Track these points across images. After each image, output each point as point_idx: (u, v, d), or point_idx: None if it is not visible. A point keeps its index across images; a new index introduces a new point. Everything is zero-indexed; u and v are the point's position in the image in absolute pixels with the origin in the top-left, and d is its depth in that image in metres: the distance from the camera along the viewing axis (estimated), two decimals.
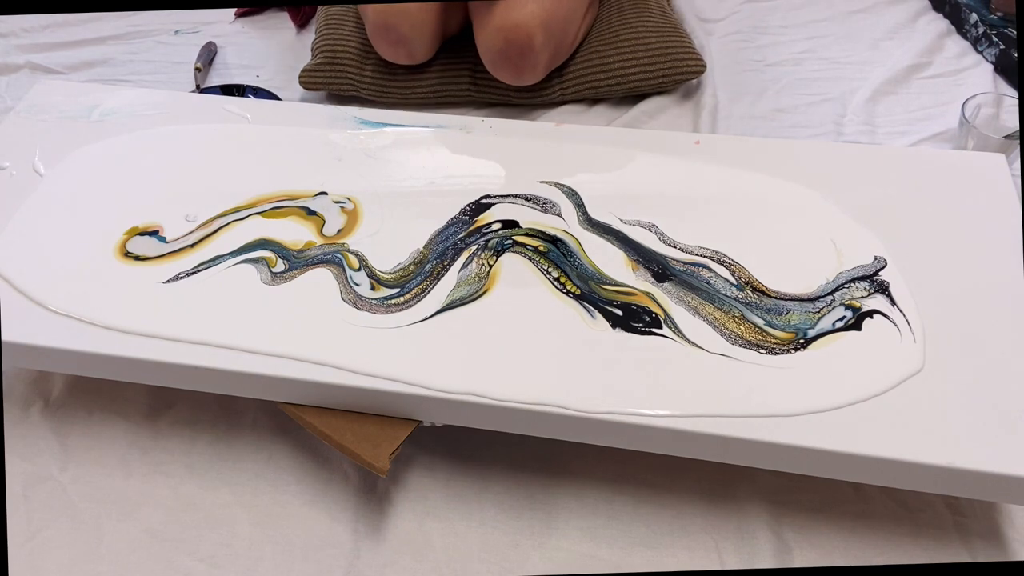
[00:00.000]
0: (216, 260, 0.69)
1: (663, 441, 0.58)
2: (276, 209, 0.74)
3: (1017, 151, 0.88)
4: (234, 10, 1.27)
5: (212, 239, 0.71)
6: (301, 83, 1.06)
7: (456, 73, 1.05)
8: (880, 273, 0.65)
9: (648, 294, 0.65)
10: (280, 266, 0.68)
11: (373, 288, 0.66)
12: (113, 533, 0.66)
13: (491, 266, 0.68)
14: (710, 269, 0.66)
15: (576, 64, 1.04)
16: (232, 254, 0.70)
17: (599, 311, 0.64)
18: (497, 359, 0.61)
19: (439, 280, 0.67)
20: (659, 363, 0.60)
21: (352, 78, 1.05)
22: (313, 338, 0.63)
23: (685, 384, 0.59)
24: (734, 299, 0.64)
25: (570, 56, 1.04)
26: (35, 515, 0.67)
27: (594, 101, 1.06)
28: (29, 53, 1.19)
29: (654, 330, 0.62)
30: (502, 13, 0.92)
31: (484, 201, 0.74)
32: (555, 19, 0.95)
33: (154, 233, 0.72)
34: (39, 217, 0.73)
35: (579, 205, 0.73)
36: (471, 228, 0.71)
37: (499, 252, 0.69)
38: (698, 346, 0.61)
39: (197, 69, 1.13)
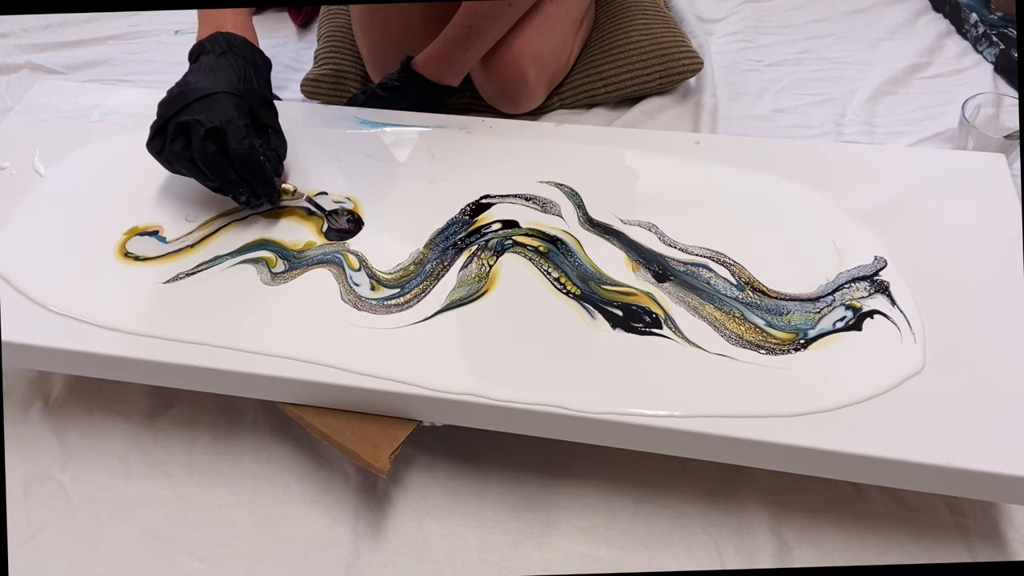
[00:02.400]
0: (216, 260, 0.69)
1: (663, 441, 0.58)
2: (276, 209, 0.74)
3: (1017, 151, 0.88)
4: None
5: (212, 239, 0.71)
6: (303, 90, 1.06)
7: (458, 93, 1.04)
8: (880, 273, 0.65)
9: (648, 294, 0.65)
10: (280, 266, 0.68)
11: (373, 288, 0.66)
12: (113, 533, 0.66)
13: (491, 266, 0.68)
14: (710, 269, 0.66)
15: (573, 77, 1.04)
16: (232, 254, 0.70)
17: (599, 311, 0.64)
18: (497, 359, 0.61)
19: (439, 280, 0.67)
20: (659, 363, 0.60)
21: (354, 94, 1.04)
22: (313, 338, 0.63)
23: (685, 384, 0.59)
24: (734, 299, 0.64)
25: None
26: (35, 515, 0.67)
27: (593, 102, 1.06)
28: (29, 53, 1.19)
29: (654, 330, 0.62)
30: (493, 56, 0.93)
31: (484, 201, 0.74)
32: (545, 50, 0.95)
33: (154, 233, 0.72)
34: (39, 217, 0.73)
35: (579, 205, 0.73)
36: (471, 228, 0.71)
37: (499, 252, 0.69)
38: (698, 346, 0.61)
39: None
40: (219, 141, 0.66)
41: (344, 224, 0.70)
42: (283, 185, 0.71)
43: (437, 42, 0.90)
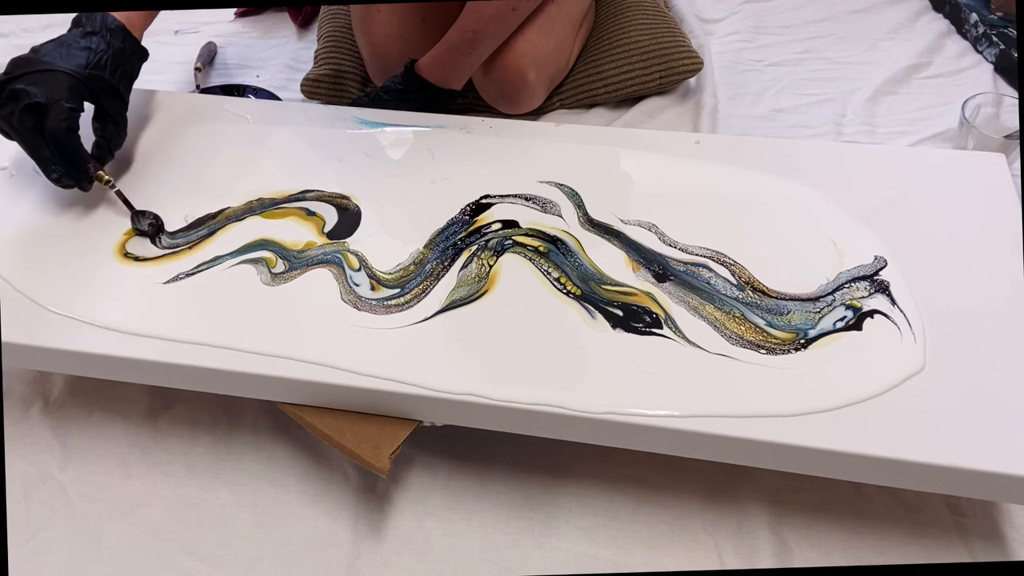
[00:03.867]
0: (216, 260, 0.69)
1: (663, 441, 0.58)
2: (276, 209, 0.74)
3: (1017, 151, 0.88)
4: (234, 10, 1.27)
5: (212, 239, 0.71)
6: (303, 90, 1.06)
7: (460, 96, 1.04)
8: (880, 273, 0.65)
9: (648, 294, 0.65)
10: (280, 266, 0.68)
11: (373, 288, 0.66)
12: (113, 533, 0.66)
13: (491, 266, 0.68)
14: (710, 269, 0.66)
15: (573, 77, 1.04)
16: (232, 254, 0.70)
17: (599, 311, 0.64)
18: (497, 359, 0.61)
19: (439, 280, 0.67)
20: (659, 363, 0.60)
21: (355, 94, 1.04)
22: (313, 338, 0.63)
23: (685, 384, 0.59)
24: (734, 299, 0.64)
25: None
26: (35, 515, 0.67)
27: (594, 102, 1.06)
28: None
29: (654, 330, 0.62)
30: (493, 56, 0.93)
31: (484, 201, 0.74)
32: (545, 52, 0.95)
33: None
34: (39, 217, 0.73)
35: (579, 205, 0.73)
36: (471, 228, 0.71)
37: (499, 252, 0.69)
38: (698, 346, 0.61)
39: (197, 69, 1.13)
40: (40, 117, 0.67)
41: (144, 227, 0.71)
42: (99, 172, 0.73)
43: (440, 46, 0.90)
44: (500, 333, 0.63)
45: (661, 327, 0.62)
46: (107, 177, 0.73)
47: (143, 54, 0.77)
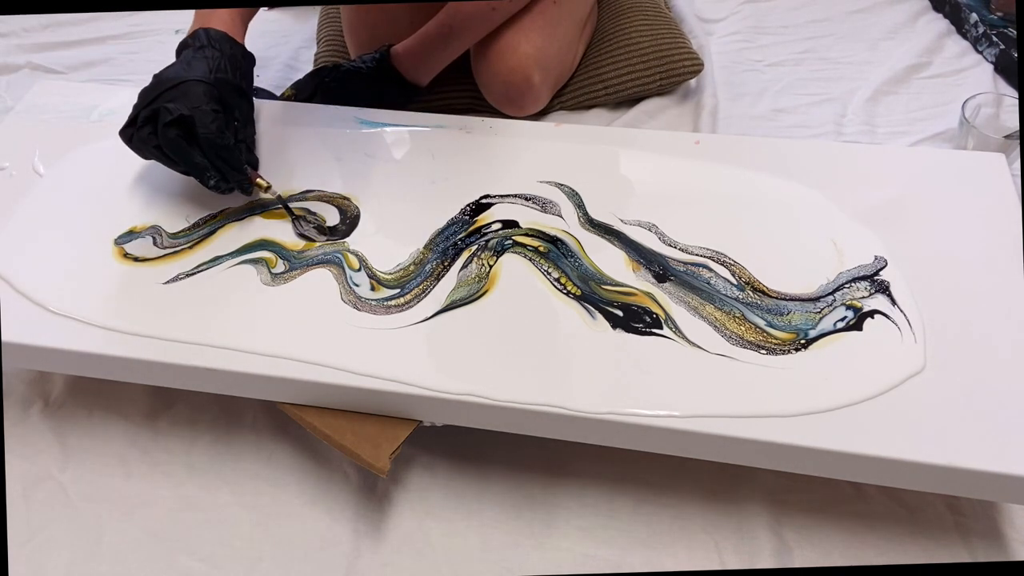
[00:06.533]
0: (216, 260, 0.69)
1: (663, 441, 0.58)
2: (276, 209, 0.74)
3: (1017, 151, 0.88)
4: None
5: (212, 239, 0.71)
6: None
7: (458, 93, 1.03)
8: (880, 273, 0.65)
9: (649, 294, 0.65)
10: (280, 266, 0.68)
11: (373, 289, 0.66)
12: (113, 533, 0.66)
13: (491, 266, 0.68)
14: (710, 269, 0.66)
15: (573, 79, 1.04)
16: (232, 254, 0.70)
17: (600, 311, 0.64)
18: (497, 359, 0.61)
19: (439, 280, 0.67)
20: (659, 363, 0.60)
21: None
22: (313, 338, 0.63)
23: (685, 384, 0.59)
24: (735, 299, 0.64)
25: None
26: (35, 515, 0.67)
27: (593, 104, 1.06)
28: (29, 53, 1.19)
29: (655, 331, 0.62)
30: (498, 59, 0.93)
31: (484, 201, 0.74)
32: (549, 54, 0.95)
33: None
34: (39, 217, 0.73)
35: (579, 205, 0.73)
36: (471, 228, 0.71)
37: (499, 252, 0.69)
38: (699, 346, 0.61)
39: None
40: (187, 127, 0.68)
41: (311, 232, 0.71)
42: (257, 180, 0.72)
43: (416, 37, 0.91)
44: (500, 333, 0.63)
45: (661, 327, 0.62)
46: (266, 183, 0.72)
47: (251, 58, 0.77)
